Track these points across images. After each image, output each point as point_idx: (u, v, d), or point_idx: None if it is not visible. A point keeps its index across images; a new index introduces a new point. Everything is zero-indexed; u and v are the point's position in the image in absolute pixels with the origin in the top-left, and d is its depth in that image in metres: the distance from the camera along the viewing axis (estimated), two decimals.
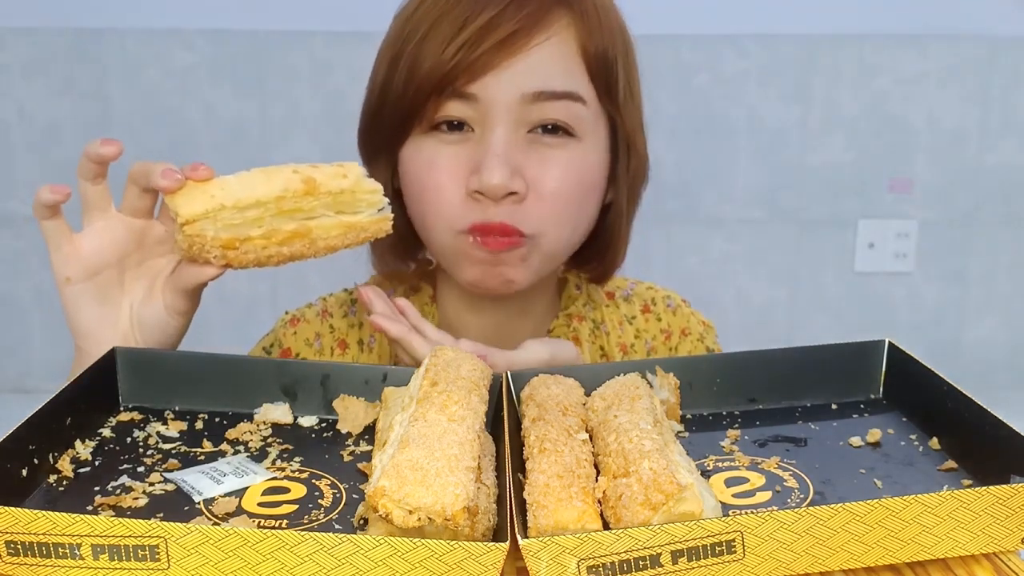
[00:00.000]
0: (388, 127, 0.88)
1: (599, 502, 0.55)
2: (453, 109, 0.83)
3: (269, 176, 0.71)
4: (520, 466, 0.60)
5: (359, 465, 0.64)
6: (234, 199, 0.69)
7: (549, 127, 0.84)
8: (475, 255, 0.85)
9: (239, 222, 0.70)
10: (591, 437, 0.62)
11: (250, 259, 0.72)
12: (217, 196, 0.69)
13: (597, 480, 0.57)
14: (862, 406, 0.70)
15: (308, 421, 0.70)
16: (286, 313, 1.02)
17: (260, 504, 0.59)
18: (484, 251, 0.84)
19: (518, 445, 0.62)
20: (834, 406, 0.70)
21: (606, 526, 0.54)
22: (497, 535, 0.55)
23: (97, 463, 0.63)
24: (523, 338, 0.92)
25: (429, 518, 0.50)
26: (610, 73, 0.86)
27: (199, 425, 0.69)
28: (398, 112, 0.86)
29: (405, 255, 0.96)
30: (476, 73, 0.82)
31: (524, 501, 0.55)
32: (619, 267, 1.00)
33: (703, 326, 1.06)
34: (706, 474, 0.62)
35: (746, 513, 0.52)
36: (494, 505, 0.57)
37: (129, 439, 0.66)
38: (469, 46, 0.81)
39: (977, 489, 0.53)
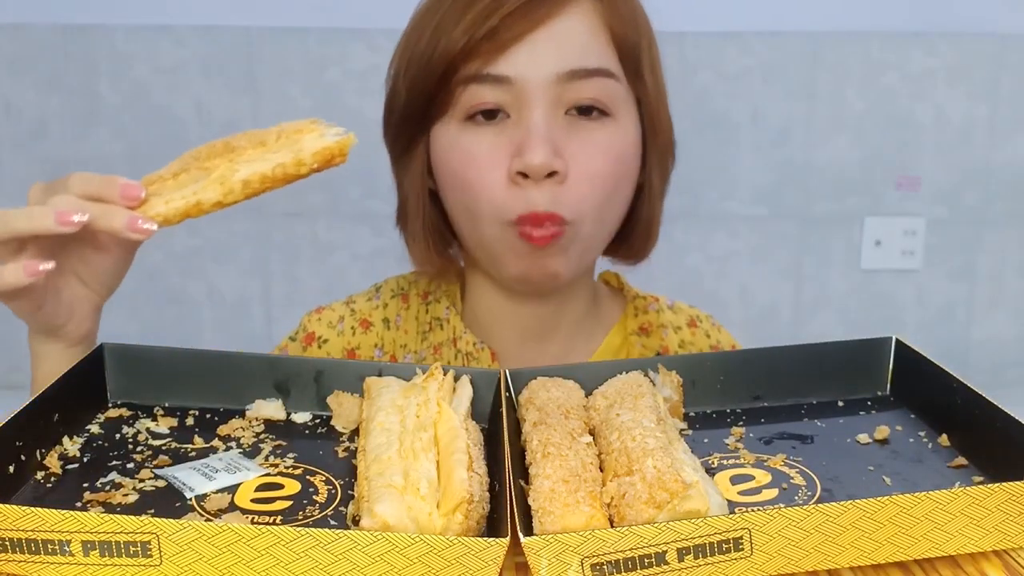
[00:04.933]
0: (414, 118, 0.86)
1: (607, 505, 0.54)
2: (488, 94, 0.82)
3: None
4: (522, 469, 0.58)
5: (354, 461, 0.62)
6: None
7: (585, 107, 0.83)
8: (520, 248, 0.83)
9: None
10: (593, 436, 0.61)
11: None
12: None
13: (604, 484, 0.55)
14: (869, 403, 0.69)
15: (301, 417, 0.69)
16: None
17: (253, 500, 0.57)
18: (529, 245, 0.82)
19: (518, 447, 0.61)
20: (841, 403, 0.69)
21: (610, 526, 0.53)
22: (494, 526, 0.54)
23: (86, 459, 0.62)
24: (563, 332, 0.93)
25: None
26: (637, 54, 0.86)
27: (189, 421, 0.67)
28: (420, 99, 0.85)
29: (439, 251, 0.94)
30: (498, 46, 0.80)
31: (524, 495, 0.54)
32: (652, 248, 0.97)
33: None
34: (711, 472, 0.60)
35: (754, 510, 0.51)
36: (487, 493, 0.56)
37: (118, 435, 0.65)
38: (485, 16, 0.80)
39: (990, 486, 0.52)
